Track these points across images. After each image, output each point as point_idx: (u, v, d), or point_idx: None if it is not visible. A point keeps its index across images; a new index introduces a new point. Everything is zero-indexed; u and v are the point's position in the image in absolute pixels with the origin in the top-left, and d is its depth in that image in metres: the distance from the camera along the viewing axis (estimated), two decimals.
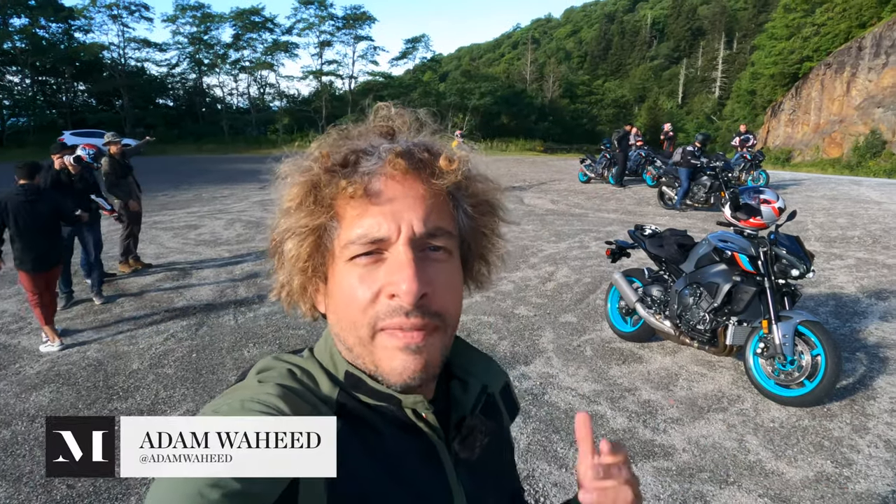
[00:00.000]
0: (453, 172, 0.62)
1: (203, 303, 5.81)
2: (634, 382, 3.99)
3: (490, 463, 0.72)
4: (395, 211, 0.59)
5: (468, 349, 0.78)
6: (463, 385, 0.72)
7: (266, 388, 0.59)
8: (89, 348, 4.67)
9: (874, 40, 25.14)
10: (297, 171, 0.63)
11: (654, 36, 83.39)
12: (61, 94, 37.04)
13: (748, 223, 3.86)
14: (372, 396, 0.63)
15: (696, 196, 11.32)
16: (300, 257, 0.62)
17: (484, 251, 0.71)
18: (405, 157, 0.60)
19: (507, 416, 0.82)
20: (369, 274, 0.59)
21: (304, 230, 0.62)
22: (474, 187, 0.67)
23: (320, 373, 0.65)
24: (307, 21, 43.72)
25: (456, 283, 0.64)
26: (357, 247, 0.59)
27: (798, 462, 3.03)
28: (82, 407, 3.73)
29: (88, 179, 5.83)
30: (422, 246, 0.60)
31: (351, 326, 0.61)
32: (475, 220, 0.67)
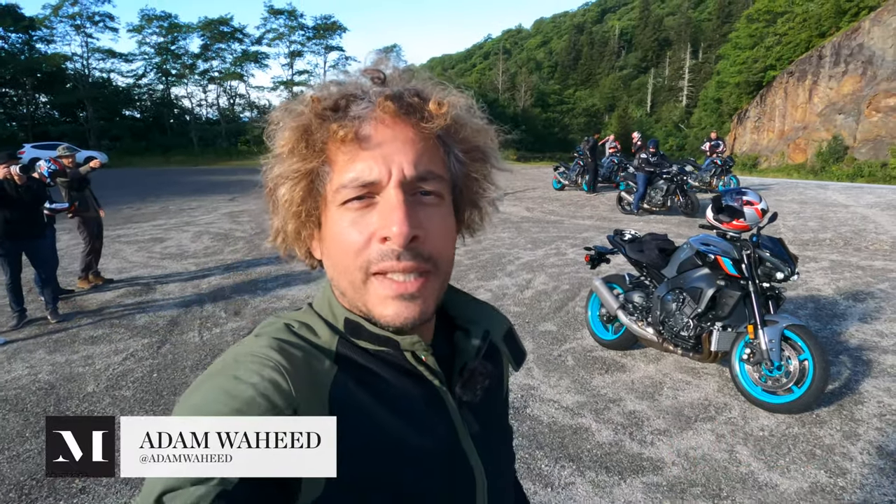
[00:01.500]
0: (443, 116, 0.61)
1: (166, 319, 5.51)
2: (619, 392, 3.85)
3: (492, 405, 0.75)
4: (385, 154, 0.59)
5: (469, 300, 0.79)
6: (465, 334, 0.73)
7: (261, 342, 0.59)
8: (41, 370, 4.35)
9: (833, 49, 25.92)
10: (288, 117, 0.62)
11: (623, 46, 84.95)
12: (22, 107, 35.90)
13: (731, 225, 3.76)
14: (372, 341, 0.64)
15: (654, 200, 11.76)
16: (293, 202, 0.63)
17: (475, 197, 0.71)
18: (395, 101, 0.60)
19: (512, 361, 0.82)
20: (361, 218, 0.59)
21: (297, 174, 0.61)
22: (465, 132, 0.65)
23: (319, 323, 0.66)
24: (277, 31, 43.50)
25: (448, 228, 0.64)
26: (348, 191, 0.59)
27: (791, 472, 2.91)
28: (29, 434, 3.44)
29: (37, 191, 5.48)
30: (413, 190, 0.60)
31: (344, 271, 0.61)
32: (466, 166, 0.67)
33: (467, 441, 0.67)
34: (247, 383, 0.53)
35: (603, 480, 2.89)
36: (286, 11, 42.68)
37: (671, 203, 11.66)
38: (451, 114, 0.62)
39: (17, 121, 34.87)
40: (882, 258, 7.39)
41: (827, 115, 25.50)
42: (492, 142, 0.70)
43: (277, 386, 0.54)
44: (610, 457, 3.09)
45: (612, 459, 3.07)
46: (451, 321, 0.76)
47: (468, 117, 0.66)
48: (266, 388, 0.53)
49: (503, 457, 0.77)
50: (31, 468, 3.08)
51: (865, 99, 23.54)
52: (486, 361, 0.72)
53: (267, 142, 0.65)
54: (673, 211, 11.80)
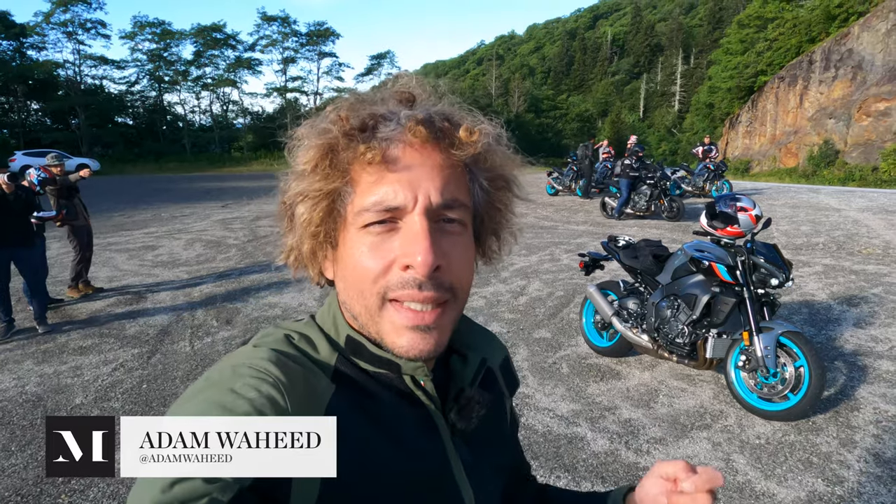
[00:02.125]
0: (473, 144, 0.60)
1: (157, 328, 5.45)
2: (614, 400, 3.82)
3: (488, 435, 0.72)
4: (412, 179, 0.58)
5: (468, 324, 0.78)
6: (462, 358, 0.72)
7: (259, 353, 0.58)
8: (28, 382, 4.28)
9: (823, 54, 26.11)
10: (313, 134, 0.61)
11: (615, 52, 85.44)
12: (13, 114, 35.70)
13: (725, 232, 3.75)
14: (372, 363, 0.63)
15: (638, 205, 11.93)
16: (312, 221, 0.61)
17: (497, 226, 0.70)
18: (426, 125, 0.58)
19: (506, 391, 0.81)
20: (382, 243, 0.58)
21: (318, 194, 0.60)
22: (492, 161, 0.64)
23: (320, 337, 0.64)
24: (270, 37, 43.50)
25: (469, 258, 0.63)
26: (371, 214, 0.58)
27: (788, 481, 2.88)
28: (15, 448, 3.37)
29: (26, 199, 5.42)
30: (437, 217, 0.59)
31: (359, 295, 0.60)
32: (490, 195, 0.66)
33: (459, 469, 0.65)
34: (243, 398, 0.52)
35: (599, 491, 2.85)
36: (279, 18, 42.71)
37: (655, 208, 11.85)
38: (481, 142, 0.61)
39: (9, 128, 34.71)
40: (875, 262, 7.40)
41: (818, 119, 25.67)
42: (517, 170, 0.69)
43: (274, 402, 0.52)
44: (605, 466, 3.06)
45: (607, 469, 3.03)
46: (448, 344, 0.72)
47: (496, 146, 0.65)
48: (262, 405, 0.52)
49: (495, 490, 0.74)
50: (17, 483, 3.01)
51: (856, 103, 23.71)
52: (482, 390, 0.71)
53: (287, 157, 0.64)
54: (656, 216, 11.94)
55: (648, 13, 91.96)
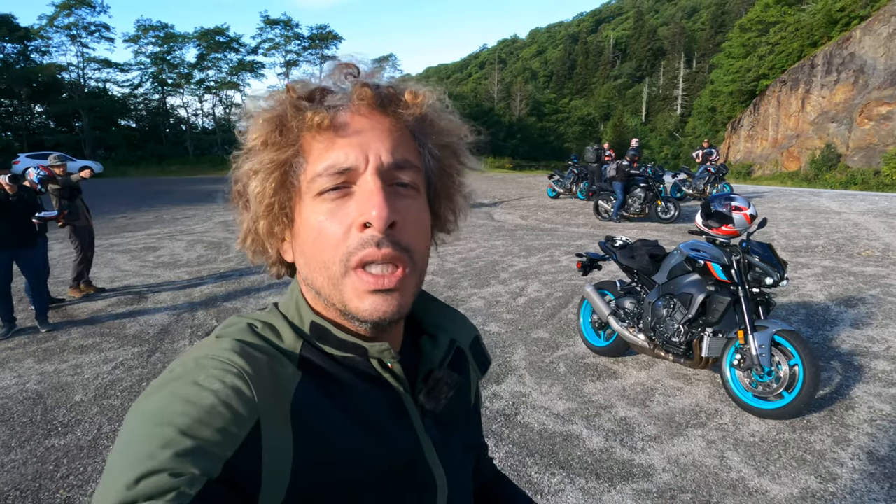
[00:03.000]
0: (418, 105, 0.62)
1: (158, 328, 5.48)
2: (610, 399, 3.83)
3: (457, 415, 0.73)
4: (362, 143, 0.59)
5: (437, 304, 0.79)
6: (432, 339, 0.72)
7: (222, 344, 0.57)
8: (29, 380, 4.31)
9: (825, 58, 26.15)
10: (262, 108, 0.62)
11: (617, 56, 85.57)
12: (17, 116, 35.91)
13: (720, 231, 3.77)
14: (338, 347, 0.62)
15: (632, 207, 12.06)
16: (266, 194, 0.60)
17: (450, 191, 0.70)
18: (371, 89, 0.60)
19: (477, 370, 0.81)
20: (339, 208, 0.58)
21: (270, 165, 0.60)
22: (438, 126, 0.66)
23: (284, 325, 0.63)
24: (273, 41, 43.71)
25: (424, 221, 0.64)
26: (324, 179, 0.58)
27: (781, 478, 2.90)
28: (15, 445, 3.39)
29: (28, 200, 5.47)
30: (390, 179, 0.59)
31: (321, 266, 0.59)
32: (440, 161, 0.67)
33: (430, 451, 0.65)
34: (208, 390, 0.51)
35: (593, 487, 2.87)
36: (282, 21, 42.95)
37: (649, 210, 11.96)
38: (426, 103, 0.62)
39: (13, 130, 34.90)
40: (874, 264, 7.41)
41: (820, 123, 25.69)
42: (464, 138, 0.70)
43: (240, 393, 0.51)
44: (600, 463, 3.07)
45: (602, 466, 3.05)
46: (418, 325, 0.75)
47: (441, 111, 0.67)
48: (228, 396, 0.51)
49: (465, 469, 0.75)
50: (16, 478, 3.04)
51: (857, 107, 23.73)
52: (451, 371, 0.71)
53: (238, 137, 0.64)
54: (650, 218, 12.00)
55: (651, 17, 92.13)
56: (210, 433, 0.48)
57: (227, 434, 0.49)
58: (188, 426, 0.47)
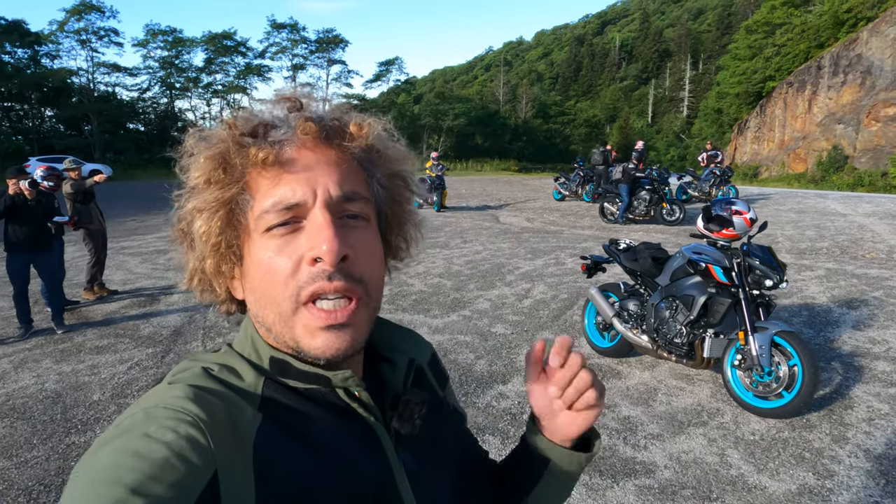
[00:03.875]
0: (364, 137, 0.61)
1: (170, 329, 5.61)
2: (613, 399, 3.92)
3: (429, 436, 0.70)
4: (309, 177, 0.58)
5: (390, 327, 0.76)
6: (390, 364, 0.71)
7: (175, 391, 0.53)
8: (48, 380, 4.44)
9: (832, 60, 26.10)
10: (203, 145, 0.60)
11: (623, 58, 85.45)
12: (28, 120, 36.32)
13: (721, 234, 3.86)
14: (300, 379, 0.60)
15: (637, 210, 12.15)
16: (211, 233, 0.59)
17: (401, 221, 0.70)
18: (316, 123, 0.59)
19: (437, 386, 0.79)
20: (288, 244, 0.57)
21: (215, 204, 0.58)
22: (386, 157, 0.66)
23: (242, 364, 0.61)
24: (280, 45, 44.02)
25: (377, 251, 0.63)
26: (272, 216, 0.57)
27: (780, 475, 2.98)
28: (37, 442, 3.52)
29: (46, 205, 5.62)
30: (339, 212, 0.58)
31: (271, 302, 0.58)
32: (389, 191, 0.67)
33: (403, 481, 0.63)
34: (159, 442, 0.47)
35: (596, 483, 2.96)
36: (289, 25, 43.24)
37: (655, 212, 12.04)
38: (371, 134, 0.62)
39: (23, 134, 35.26)
40: (878, 266, 7.45)
41: (826, 124, 25.64)
42: (411, 167, 0.69)
43: (195, 443, 0.48)
44: (603, 461, 3.16)
45: (605, 463, 3.14)
46: (374, 351, 0.73)
47: (388, 142, 0.66)
48: (182, 447, 0.47)
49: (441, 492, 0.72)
50: (39, 474, 3.16)
51: (864, 109, 23.67)
52: (418, 390, 0.70)
53: (179, 174, 0.62)
54: (655, 220, 12.08)
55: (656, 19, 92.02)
56: (163, 489, 0.44)
57: (183, 489, 0.45)
58: (139, 483, 0.43)
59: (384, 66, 47.92)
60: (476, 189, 21.52)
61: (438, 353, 0.84)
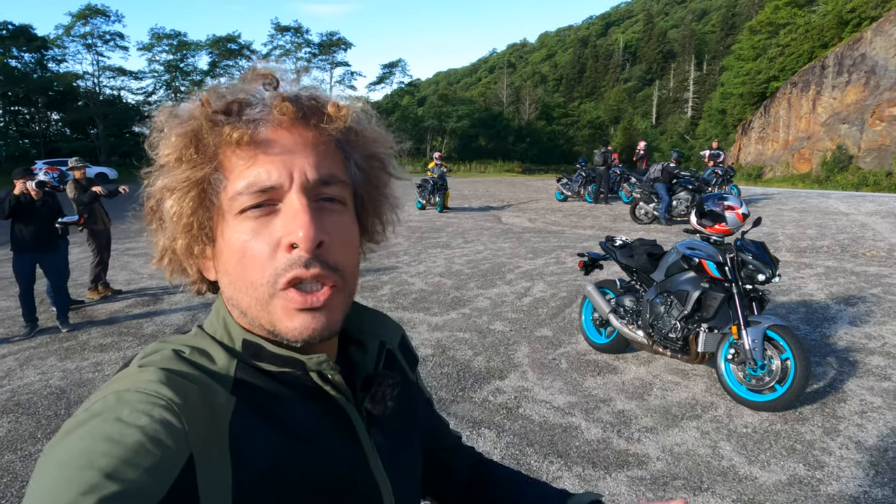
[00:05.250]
0: (342, 118, 0.60)
1: (174, 327, 5.68)
2: (609, 393, 3.96)
3: (400, 418, 0.72)
4: (285, 159, 0.56)
5: (359, 309, 0.76)
6: (361, 347, 0.70)
7: (146, 375, 0.52)
8: (52, 377, 4.51)
9: (836, 59, 26.03)
10: (174, 122, 0.58)
11: (627, 59, 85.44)
12: (34, 124, 36.68)
13: (714, 229, 3.90)
14: (274, 363, 0.60)
15: (677, 209, 12.00)
16: (182, 214, 0.57)
17: (377, 204, 0.69)
18: (293, 103, 0.58)
19: (407, 368, 0.80)
20: (263, 227, 0.56)
21: (186, 183, 0.56)
22: (364, 138, 0.64)
23: (214, 347, 0.59)
24: (283, 47, 44.19)
25: (353, 237, 0.62)
26: (246, 197, 0.55)
27: (771, 466, 3.01)
28: (41, 436, 3.59)
29: (52, 205, 5.71)
30: (316, 195, 0.57)
31: (247, 286, 0.57)
32: (367, 174, 0.66)
33: (375, 461, 0.64)
34: (133, 426, 0.46)
35: (589, 474, 3.00)
36: (292, 28, 43.44)
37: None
38: (350, 116, 0.61)
39: (30, 138, 35.64)
40: (877, 264, 7.46)
41: (831, 124, 25.56)
42: (390, 149, 0.68)
43: (169, 426, 0.48)
44: (597, 453, 3.20)
45: (599, 455, 3.18)
46: (344, 333, 0.72)
47: (366, 123, 0.65)
48: (156, 431, 0.46)
49: (414, 475, 0.74)
50: None
51: (869, 108, 23.60)
52: (389, 372, 0.70)
53: (149, 151, 0.60)
54: None
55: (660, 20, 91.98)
56: (138, 474, 0.43)
57: (158, 473, 0.45)
58: (113, 468, 0.43)
59: (388, 68, 48.12)
60: (479, 190, 21.57)
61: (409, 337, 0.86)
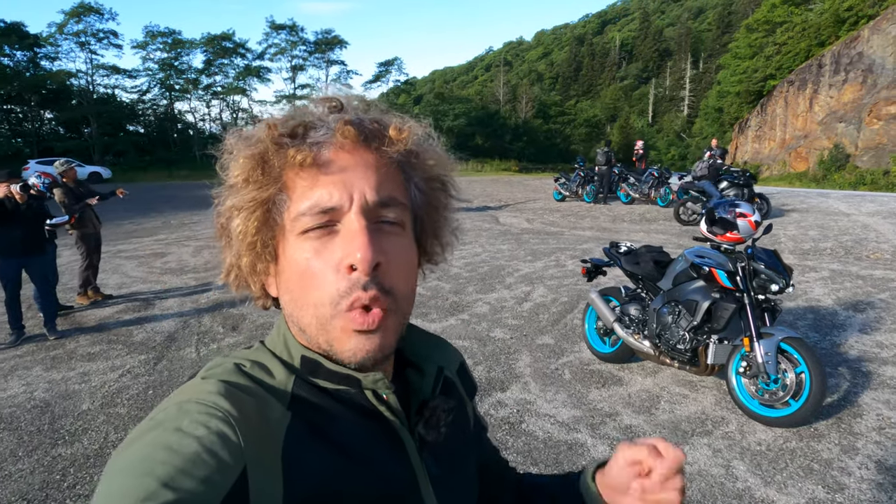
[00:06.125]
0: (403, 141, 0.61)
1: (164, 335, 5.51)
2: (615, 407, 3.82)
3: (454, 444, 0.71)
4: (346, 180, 0.58)
5: (420, 333, 0.77)
6: (418, 370, 0.71)
7: (207, 386, 0.54)
8: (37, 388, 4.35)
9: (833, 58, 25.96)
10: (242, 144, 0.60)
11: (623, 57, 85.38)
12: (27, 123, 36.28)
13: (725, 238, 3.75)
14: (330, 380, 0.61)
15: None
16: (248, 232, 0.60)
17: (436, 226, 0.70)
18: (355, 126, 0.59)
19: (465, 396, 0.80)
20: (324, 247, 0.57)
21: (252, 204, 0.59)
22: (425, 161, 0.65)
23: (273, 362, 0.62)
24: (279, 46, 43.97)
25: (410, 259, 0.63)
26: (308, 218, 0.57)
27: (788, 488, 2.87)
28: (22, 454, 3.42)
29: (38, 209, 5.52)
30: (375, 217, 0.59)
31: (308, 305, 0.58)
32: (427, 195, 0.66)
33: (426, 486, 0.64)
34: (191, 436, 0.48)
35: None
36: (288, 26, 43.16)
37: None
38: (411, 139, 0.61)
39: (23, 137, 35.24)
40: (882, 267, 7.34)
41: (828, 123, 25.50)
42: (451, 171, 0.69)
43: (225, 438, 0.49)
44: None
45: None
46: (403, 357, 0.73)
47: (427, 145, 0.66)
48: (213, 442, 0.49)
49: (464, 499, 0.74)
50: (23, 488, 3.06)
51: (866, 107, 23.54)
52: (446, 397, 0.70)
53: (220, 172, 0.63)
54: None
55: (657, 18, 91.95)
56: (193, 484, 0.45)
57: (212, 483, 0.46)
58: (170, 477, 0.45)
59: (384, 66, 47.88)
60: (476, 190, 21.39)
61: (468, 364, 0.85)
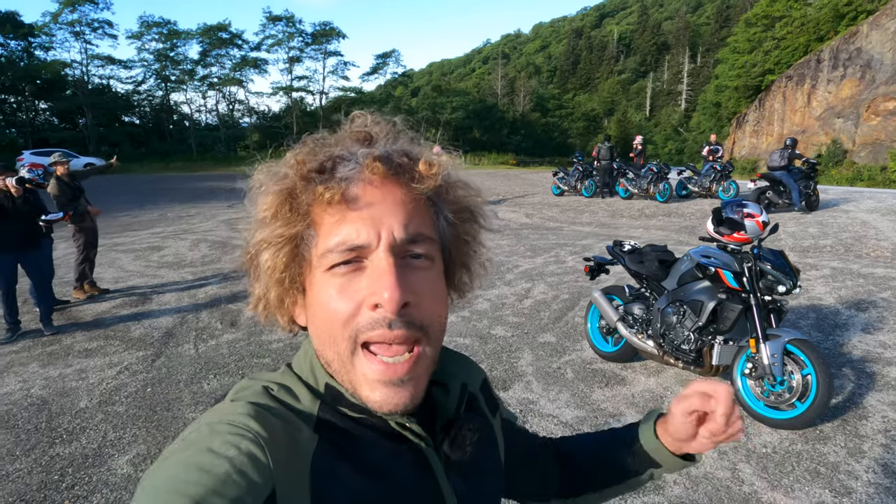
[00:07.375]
0: (433, 177, 0.60)
1: (162, 330, 5.46)
2: (619, 407, 3.79)
3: (480, 462, 0.71)
4: (374, 217, 0.57)
5: (444, 351, 0.74)
6: (443, 388, 0.70)
7: (237, 408, 0.55)
8: (33, 385, 4.29)
9: (832, 53, 25.93)
10: (271, 180, 0.61)
11: (621, 51, 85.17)
12: (21, 113, 35.96)
13: (732, 238, 3.71)
14: (353, 410, 0.61)
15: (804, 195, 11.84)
16: (276, 268, 0.60)
17: (466, 258, 0.69)
18: (384, 162, 0.58)
19: (488, 413, 0.79)
20: (349, 284, 0.57)
21: (281, 240, 0.59)
22: (454, 193, 0.65)
23: (300, 386, 0.62)
24: (276, 37, 43.62)
25: (440, 293, 0.62)
26: (335, 255, 0.57)
27: (795, 492, 2.85)
28: (20, 453, 3.37)
29: (34, 202, 5.44)
30: (403, 253, 0.58)
31: (331, 341, 0.58)
32: (456, 227, 0.66)
33: (452, 502, 0.64)
34: (222, 457, 0.49)
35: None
36: (284, 18, 42.79)
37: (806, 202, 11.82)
38: (441, 175, 0.61)
39: (17, 127, 34.97)
40: (883, 265, 7.33)
41: (826, 119, 25.50)
42: (481, 201, 0.69)
43: (255, 459, 0.50)
44: None
45: None
46: None
47: (456, 175, 0.65)
48: (243, 463, 0.49)
49: None
50: (21, 488, 3.02)
51: (864, 103, 23.53)
52: (472, 414, 0.69)
53: (248, 205, 0.63)
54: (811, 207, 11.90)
55: (655, 12, 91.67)
56: None
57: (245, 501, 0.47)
58: (202, 497, 0.45)
59: (381, 58, 47.55)
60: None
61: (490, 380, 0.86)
